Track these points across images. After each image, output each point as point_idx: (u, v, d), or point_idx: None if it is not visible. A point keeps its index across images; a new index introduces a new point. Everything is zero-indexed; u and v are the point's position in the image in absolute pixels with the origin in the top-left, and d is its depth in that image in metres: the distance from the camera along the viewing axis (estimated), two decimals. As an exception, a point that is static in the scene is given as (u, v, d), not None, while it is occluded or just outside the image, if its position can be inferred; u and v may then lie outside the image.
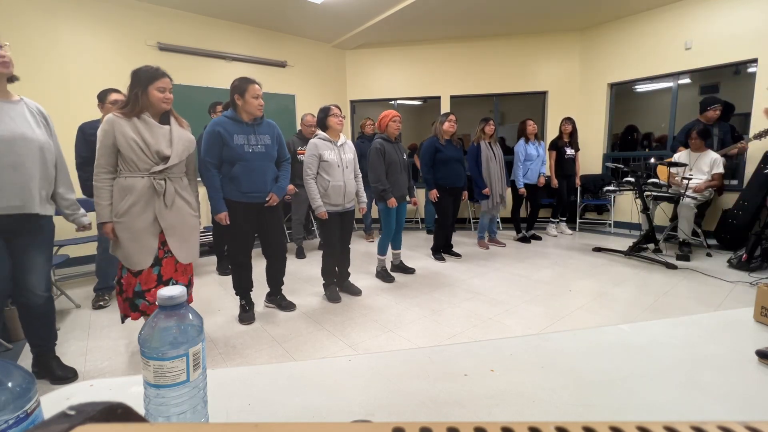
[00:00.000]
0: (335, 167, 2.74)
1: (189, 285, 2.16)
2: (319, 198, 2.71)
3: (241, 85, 2.30)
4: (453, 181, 3.74)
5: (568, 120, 4.78)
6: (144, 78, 1.85)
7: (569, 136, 4.80)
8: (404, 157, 3.34)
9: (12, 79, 1.69)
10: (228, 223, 2.34)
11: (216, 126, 2.27)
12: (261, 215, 2.47)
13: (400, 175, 3.24)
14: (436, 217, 3.94)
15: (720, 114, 3.98)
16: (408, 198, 3.45)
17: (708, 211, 4.23)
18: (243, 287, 2.54)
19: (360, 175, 2.98)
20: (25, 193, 1.65)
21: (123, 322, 2.08)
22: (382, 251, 3.36)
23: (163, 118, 1.96)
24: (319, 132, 2.79)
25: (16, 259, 1.73)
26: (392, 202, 3.15)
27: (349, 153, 2.87)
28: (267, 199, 2.42)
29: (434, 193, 3.71)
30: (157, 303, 0.46)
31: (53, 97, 3.77)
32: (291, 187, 3.50)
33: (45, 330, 1.87)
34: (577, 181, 4.96)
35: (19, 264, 1.73)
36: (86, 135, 2.70)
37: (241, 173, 2.31)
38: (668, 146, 4.25)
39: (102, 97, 2.76)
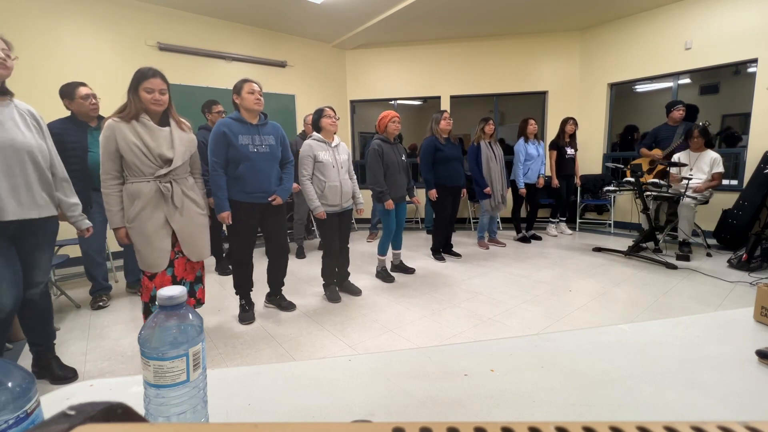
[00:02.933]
0: (330, 168, 2.75)
1: (199, 281, 2.16)
2: (317, 198, 2.72)
3: (238, 85, 2.35)
4: (454, 180, 3.74)
5: (574, 121, 4.76)
6: (134, 79, 1.84)
7: (570, 136, 4.79)
8: (403, 158, 3.34)
9: (4, 92, 1.63)
10: (230, 222, 2.35)
11: (221, 126, 2.29)
12: (265, 215, 2.48)
13: (398, 176, 3.24)
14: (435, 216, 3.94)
15: (684, 114, 4.30)
16: (408, 198, 3.45)
17: (703, 209, 4.23)
18: (243, 287, 2.55)
19: (355, 176, 2.99)
20: (19, 198, 1.61)
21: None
22: (382, 251, 3.36)
23: (163, 120, 1.94)
24: (314, 133, 2.82)
25: (21, 259, 1.73)
26: (389, 204, 3.15)
27: (344, 154, 2.89)
28: (270, 199, 2.43)
29: (433, 193, 3.70)
30: (156, 303, 0.46)
31: (53, 98, 3.76)
32: (295, 185, 3.48)
33: (43, 326, 1.87)
34: (578, 181, 4.95)
35: (23, 263, 1.73)
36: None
37: (245, 173, 2.32)
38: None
39: (70, 92, 2.60)
